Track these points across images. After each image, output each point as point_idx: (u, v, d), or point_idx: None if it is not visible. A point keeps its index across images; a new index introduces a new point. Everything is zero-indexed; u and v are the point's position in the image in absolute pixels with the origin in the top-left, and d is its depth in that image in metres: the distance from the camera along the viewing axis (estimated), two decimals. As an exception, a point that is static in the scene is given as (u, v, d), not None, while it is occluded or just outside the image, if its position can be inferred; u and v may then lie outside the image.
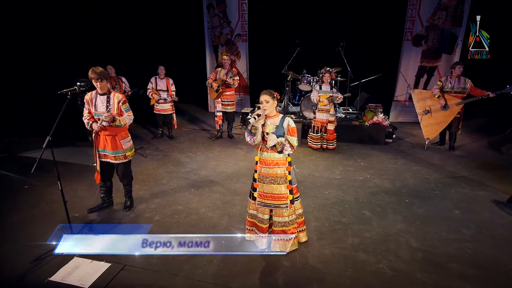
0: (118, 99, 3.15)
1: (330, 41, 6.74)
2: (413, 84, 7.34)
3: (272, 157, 2.61)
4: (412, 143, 6.00)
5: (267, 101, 2.52)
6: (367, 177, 4.43)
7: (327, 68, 5.27)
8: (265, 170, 2.65)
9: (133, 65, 6.93)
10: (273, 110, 2.59)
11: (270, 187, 2.65)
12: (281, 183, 2.63)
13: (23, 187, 4.16)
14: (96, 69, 3.03)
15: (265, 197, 2.69)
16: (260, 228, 2.78)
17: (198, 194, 3.95)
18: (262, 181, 2.68)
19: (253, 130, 2.52)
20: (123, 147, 3.29)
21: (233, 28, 8.11)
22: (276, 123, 2.57)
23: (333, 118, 5.34)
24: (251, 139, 2.58)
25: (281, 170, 2.62)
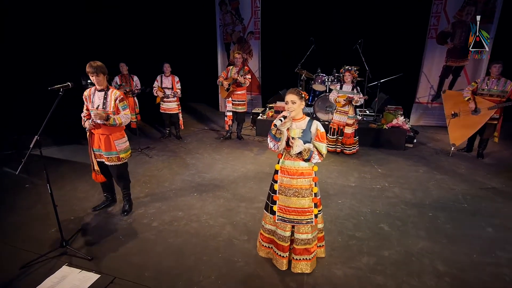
0: (115, 96, 2.95)
1: (347, 38, 6.34)
2: (437, 85, 6.83)
3: (296, 166, 2.31)
4: (435, 148, 5.54)
5: (294, 101, 2.19)
6: (385, 186, 4.05)
7: (346, 66, 4.90)
8: (288, 181, 2.34)
9: (143, 64, 6.81)
10: (300, 112, 2.28)
11: (293, 200, 2.34)
12: (306, 195, 2.32)
13: (24, 186, 4.05)
14: (94, 63, 2.84)
15: (287, 211, 2.37)
16: (280, 246, 2.46)
17: (201, 199, 3.71)
18: (284, 193, 2.37)
19: (278, 135, 2.21)
20: (116, 149, 3.08)
21: (245, 26, 7.85)
22: (303, 127, 2.26)
23: (352, 121, 4.95)
24: (274, 145, 2.26)
25: (307, 181, 2.31)
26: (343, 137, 5.06)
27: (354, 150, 5.15)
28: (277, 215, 2.43)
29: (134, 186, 4.02)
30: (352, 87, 4.91)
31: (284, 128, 2.20)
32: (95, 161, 3.11)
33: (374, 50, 6.41)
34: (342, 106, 4.89)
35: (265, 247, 2.61)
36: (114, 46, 7.17)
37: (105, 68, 2.91)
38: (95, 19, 6.96)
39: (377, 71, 6.13)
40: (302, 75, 6.59)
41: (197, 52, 8.27)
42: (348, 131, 4.99)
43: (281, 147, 2.29)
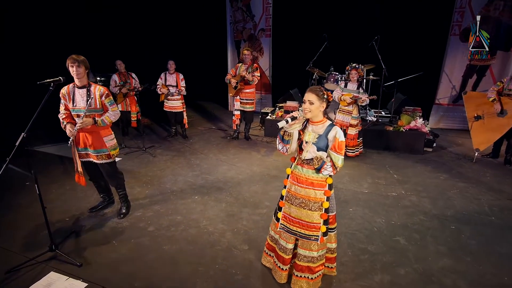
0: (100, 92, 2.77)
1: (363, 34, 6.01)
2: (459, 85, 6.38)
3: (307, 174, 2.04)
4: (457, 153, 5.13)
5: (312, 101, 1.91)
6: (402, 194, 3.73)
7: (353, 64, 4.59)
8: (296, 189, 2.09)
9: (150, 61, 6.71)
10: (319, 114, 1.97)
11: (299, 211, 2.08)
12: (314, 209, 2.04)
13: (25, 184, 3.97)
14: (76, 56, 2.66)
15: (291, 221, 2.13)
16: (280, 258, 2.22)
17: (202, 202, 3.51)
18: (290, 201, 2.13)
19: (286, 137, 1.99)
20: (106, 145, 2.91)
21: (256, 23, 7.62)
22: (320, 131, 1.97)
23: (356, 121, 4.66)
24: (283, 148, 2.04)
25: (317, 193, 2.03)
26: (346, 139, 4.75)
27: (357, 152, 4.84)
28: (280, 223, 2.20)
29: (134, 187, 3.88)
30: (357, 85, 4.60)
31: (292, 130, 1.96)
32: (79, 162, 2.95)
33: (391, 47, 6.06)
34: (347, 105, 4.59)
35: (268, 255, 2.39)
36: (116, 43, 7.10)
37: (87, 63, 2.74)
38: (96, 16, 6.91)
39: (394, 70, 5.77)
40: (314, 73, 6.30)
41: (206, 49, 8.11)
42: (352, 132, 4.69)
43: (292, 150, 2.06)
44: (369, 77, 5.73)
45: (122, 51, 6.62)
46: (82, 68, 2.69)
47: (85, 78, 2.76)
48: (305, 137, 2.01)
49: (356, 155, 4.84)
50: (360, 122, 4.80)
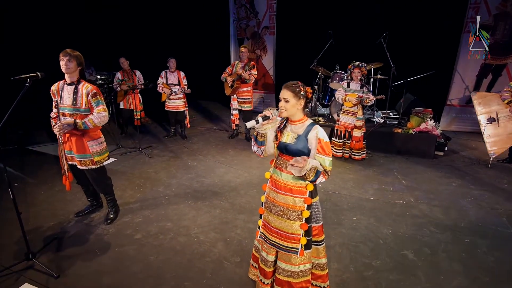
0: (87, 90, 2.57)
1: (370, 31, 5.72)
2: (473, 85, 6.03)
3: (286, 179, 1.81)
4: (470, 158, 4.81)
5: (287, 99, 1.70)
6: (411, 201, 3.45)
7: (356, 62, 4.31)
8: (274, 196, 1.87)
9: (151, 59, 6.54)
10: (297, 113, 1.76)
11: (277, 219, 1.86)
12: (293, 218, 1.82)
13: (14, 184, 3.81)
14: (71, 50, 2.49)
15: (270, 231, 1.91)
16: (262, 270, 2.00)
17: (195, 208, 3.29)
18: (269, 208, 1.91)
19: (260, 138, 1.79)
20: (90, 151, 2.71)
21: (260, 20, 7.39)
22: (299, 131, 1.76)
23: (361, 123, 4.39)
24: (258, 150, 1.85)
25: (296, 200, 1.80)
26: (351, 141, 4.48)
27: (363, 156, 4.57)
28: (260, 231, 2.00)
29: (126, 190, 3.69)
30: (360, 85, 4.33)
31: (263, 131, 1.76)
32: (66, 164, 2.76)
33: (400, 44, 5.75)
34: (352, 106, 4.32)
35: (253, 267, 2.17)
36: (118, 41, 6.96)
37: (82, 59, 2.56)
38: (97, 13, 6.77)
39: (403, 69, 5.48)
40: (319, 72, 6.04)
41: (209, 47, 7.91)
42: (357, 134, 4.42)
43: (268, 152, 1.86)
44: (377, 76, 5.45)
45: (125, 48, 6.47)
46: (72, 63, 2.51)
47: (75, 75, 2.58)
48: (282, 139, 1.79)
49: (362, 158, 4.57)
50: (364, 123, 4.53)
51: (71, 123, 2.55)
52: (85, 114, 2.62)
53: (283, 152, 1.80)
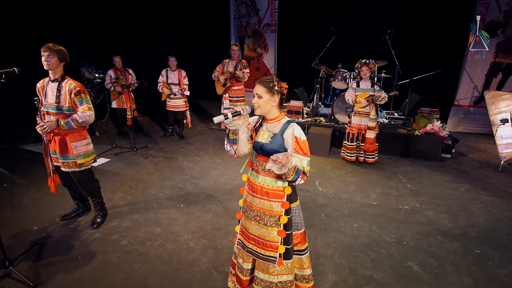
0: (70, 88, 2.42)
1: (374, 27, 5.51)
2: (482, 85, 5.79)
3: (261, 181, 1.67)
4: (479, 161, 4.58)
5: (260, 95, 1.59)
6: (416, 207, 3.25)
7: (362, 60, 4.10)
8: (251, 199, 1.73)
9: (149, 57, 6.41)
10: (272, 110, 1.63)
11: (254, 225, 1.72)
12: (270, 224, 1.67)
13: (2, 185, 3.69)
14: (52, 44, 2.34)
15: (247, 237, 1.76)
16: (239, 279, 1.86)
17: (187, 212, 3.13)
18: (246, 213, 1.77)
19: (231, 135, 1.65)
20: (73, 152, 2.55)
21: (261, 17, 7.22)
22: (275, 130, 1.63)
23: (374, 123, 4.17)
24: (230, 149, 1.70)
25: (273, 205, 1.66)
26: (364, 143, 4.26)
27: (376, 158, 4.35)
28: (238, 237, 1.85)
29: (117, 192, 3.54)
30: (370, 83, 4.12)
31: (233, 127, 1.61)
32: (51, 165, 2.62)
33: (406, 42, 5.53)
34: (363, 106, 4.11)
35: (232, 275, 2.00)
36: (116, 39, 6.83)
37: (65, 55, 2.41)
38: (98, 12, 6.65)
39: (409, 67, 5.26)
40: (320, 71, 5.84)
41: (208, 46, 7.73)
42: (371, 135, 4.19)
43: (242, 151, 1.69)
44: (381, 75, 5.23)
45: (122, 46, 6.35)
46: (54, 59, 2.36)
47: (58, 71, 2.43)
48: (258, 137, 1.65)
49: (375, 161, 4.35)
50: (378, 124, 4.31)
51: (53, 123, 2.41)
52: (68, 114, 2.47)
53: (258, 152, 1.65)
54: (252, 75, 7.61)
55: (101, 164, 4.36)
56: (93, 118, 2.55)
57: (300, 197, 1.81)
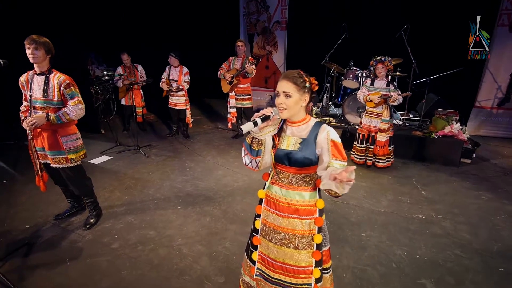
0: (59, 81, 2.31)
1: (389, 23, 5.21)
2: (507, 85, 5.39)
3: (289, 197, 1.43)
4: (503, 167, 4.22)
5: (289, 93, 1.32)
6: (431, 217, 2.97)
7: (378, 57, 3.83)
8: (275, 220, 1.48)
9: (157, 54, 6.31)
10: (300, 112, 1.39)
11: (280, 250, 1.46)
12: (302, 247, 1.43)
13: (2, 181, 3.65)
14: (37, 36, 2.23)
15: (271, 266, 1.51)
16: None
17: (184, 214, 2.97)
18: (268, 237, 1.50)
19: (256, 146, 1.37)
20: (63, 147, 2.44)
21: (271, 14, 7.02)
22: (303, 134, 1.39)
23: (387, 125, 3.89)
24: (251, 162, 1.41)
25: (304, 224, 1.43)
26: (374, 146, 3.99)
27: (388, 163, 4.07)
28: (257, 267, 1.56)
29: (114, 191, 3.43)
30: (386, 82, 3.85)
31: (263, 136, 1.34)
32: (38, 163, 2.52)
33: (423, 38, 5.21)
34: (375, 106, 3.85)
35: None
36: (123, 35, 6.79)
37: (51, 47, 2.30)
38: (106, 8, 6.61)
39: (426, 65, 4.93)
40: (331, 69, 5.59)
41: (216, 43, 7.59)
42: (382, 138, 3.91)
43: (265, 164, 1.44)
44: (396, 73, 4.93)
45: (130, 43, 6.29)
46: (40, 52, 2.25)
47: (45, 64, 2.32)
48: (282, 143, 1.41)
49: (387, 165, 4.07)
50: (392, 126, 4.04)
51: (43, 117, 2.30)
52: (58, 108, 2.36)
53: (283, 162, 1.41)
54: (261, 74, 7.44)
55: (103, 162, 4.29)
56: (84, 112, 2.43)
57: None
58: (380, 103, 3.79)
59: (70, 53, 5.81)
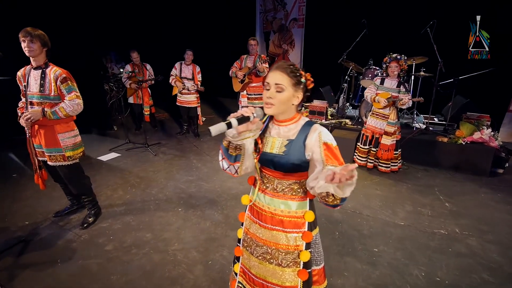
0: (55, 75, 2.24)
1: (413, 19, 4.86)
2: (547, 88, 4.85)
3: (274, 205, 1.24)
4: (541, 179, 3.77)
5: (281, 86, 1.13)
6: (455, 232, 2.65)
7: (393, 54, 3.53)
8: (257, 230, 1.30)
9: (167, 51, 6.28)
10: (290, 109, 1.20)
11: (262, 266, 1.28)
12: (286, 264, 1.24)
13: (12, 175, 3.70)
14: (32, 28, 2.17)
15: (252, 282, 1.33)
16: None
17: (184, 217, 2.84)
18: (250, 249, 1.33)
19: (233, 151, 1.19)
20: (61, 144, 2.37)
21: (288, 12, 6.81)
22: (290, 135, 1.20)
23: (393, 128, 3.61)
24: (230, 167, 1.24)
25: (289, 238, 1.24)
26: (378, 149, 3.71)
27: (395, 168, 3.78)
28: (238, 280, 1.40)
29: (117, 190, 3.36)
30: (397, 82, 3.54)
31: (240, 141, 1.14)
32: (36, 160, 2.47)
33: (451, 35, 4.79)
34: (382, 108, 3.56)
35: None
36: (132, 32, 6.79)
37: (47, 39, 2.23)
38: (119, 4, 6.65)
39: (453, 65, 4.54)
40: (349, 68, 5.29)
41: (231, 41, 7.46)
42: (387, 142, 3.63)
43: (246, 169, 1.25)
44: (420, 73, 4.57)
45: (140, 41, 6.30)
46: (36, 44, 2.19)
47: (41, 57, 2.26)
48: (266, 146, 1.21)
49: (392, 170, 3.79)
50: (399, 129, 3.74)
51: (39, 113, 2.23)
52: (55, 103, 2.30)
53: (269, 166, 1.22)
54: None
55: (111, 159, 4.26)
56: (82, 107, 2.35)
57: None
58: (387, 105, 3.51)
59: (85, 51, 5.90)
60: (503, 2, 4.85)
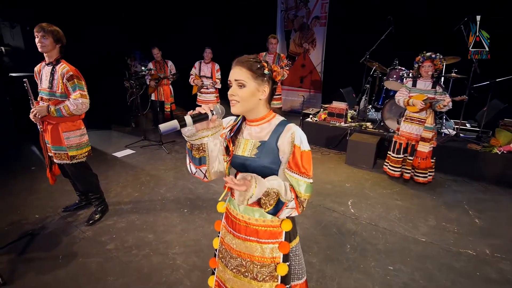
0: (62, 72, 2.22)
1: (444, 15, 4.47)
2: None
3: (248, 214, 1.13)
4: None
5: (242, 82, 1.04)
6: (486, 254, 2.35)
7: (427, 53, 3.22)
8: (231, 240, 1.19)
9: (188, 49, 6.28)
10: (259, 107, 1.09)
11: (237, 279, 1.17)
12: (262, 278, 1.12)
13: (30, 168, 3.82)
14: (47, 24, 2.17)
15: None
16: None
17: (188, 219, 2.76)
18: (225, 260, 1.22)
19: (196, 153, 1.08)
20: (64, 143, 2.36)
21: (310, 9, 6.57)
22: (262, 135, 1.09)
23: (431, 134, 3.28)
24: (197, 171, 1.12)
25: (264, 249, 1.12)
26: (414, 158, 3.39)
27: (430, 178, 3.44)
28: None
29: (127, 187, 3.36)
30: (432, 83, 3.23)
31: (198, 140, 1.03)
32: (47, 155, 2.49)
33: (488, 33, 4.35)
34: (418, 111, 3.26)
35: None
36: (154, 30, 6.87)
37: (61, 35, 2.23)
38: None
39: (489, 66, 4.13)
40: (372, 68, 5.00)
41: (251, 39, 7.34)
42: (424, 149, 3.30)
43: (215, 173, 1.12)
44: (451, 74, 4.19)
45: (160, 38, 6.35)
46: (48, 40, 2.19)
47: (54, 53, 2.27)
48: (238, 148, 1.10)
49: (428, 181, 3.46)
50: (436, 135, 3.42)
51: (44, 109, 2.24)
52: (61, 100, 2.29)
53: (241, 170, 1.11)
54: (297, 73, 7.03)
55: (124, 156, 4.30)
56: (87, 107, 2.33)
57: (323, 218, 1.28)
58: (424, 108, 3.20)
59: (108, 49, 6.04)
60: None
